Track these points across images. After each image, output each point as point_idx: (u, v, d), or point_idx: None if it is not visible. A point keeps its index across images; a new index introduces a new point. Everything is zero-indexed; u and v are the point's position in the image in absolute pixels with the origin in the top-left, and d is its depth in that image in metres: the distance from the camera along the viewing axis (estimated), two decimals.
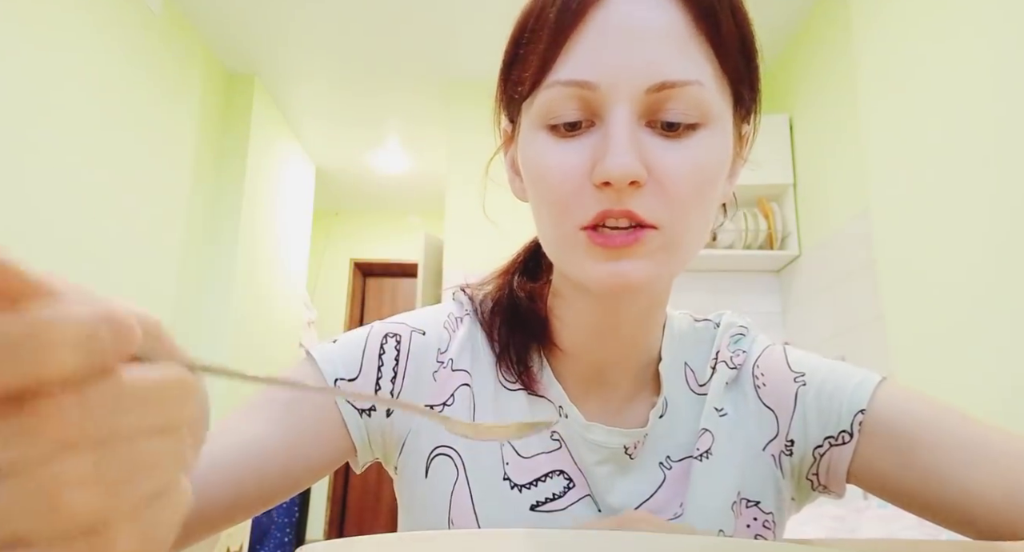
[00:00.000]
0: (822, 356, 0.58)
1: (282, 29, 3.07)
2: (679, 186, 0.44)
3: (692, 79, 0.44)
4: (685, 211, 0.45)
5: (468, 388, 0.56)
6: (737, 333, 0.59)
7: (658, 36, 0.44)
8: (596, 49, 0.44)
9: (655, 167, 0.44)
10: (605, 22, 0.44)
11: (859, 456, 0.51)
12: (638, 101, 0.44)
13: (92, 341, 0.17)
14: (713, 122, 0.45)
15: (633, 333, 0.54)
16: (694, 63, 0.44)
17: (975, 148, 1.72)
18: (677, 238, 0.45)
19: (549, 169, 0.46)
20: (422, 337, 0.57)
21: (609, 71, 0.43)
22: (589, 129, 0.45)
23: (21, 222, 2.08)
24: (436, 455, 0.54)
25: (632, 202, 0.43)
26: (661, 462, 0.54)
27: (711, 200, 0.47)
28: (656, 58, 0.43)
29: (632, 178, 0.42)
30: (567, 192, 0.45)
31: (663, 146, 0.44)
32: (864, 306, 2.23)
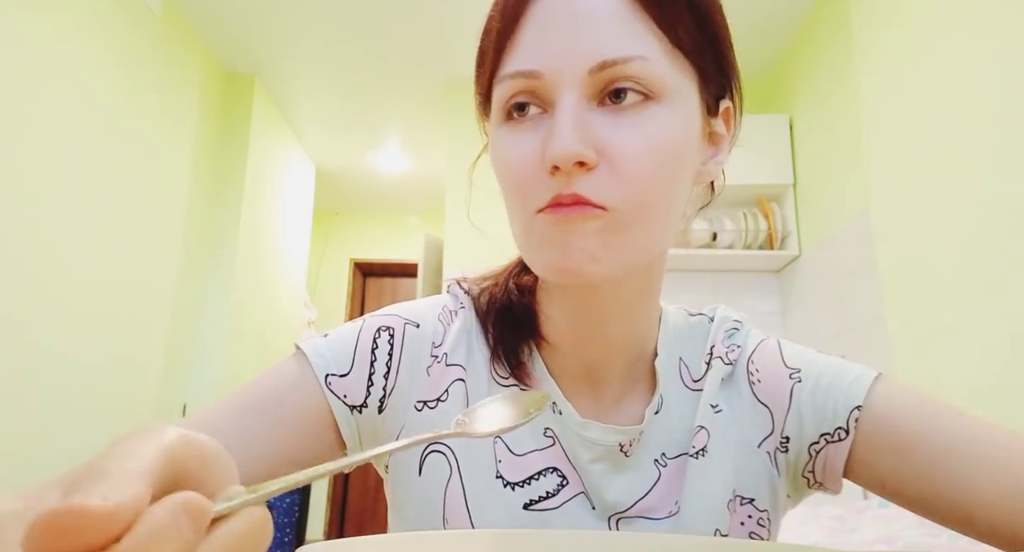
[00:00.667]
0: (818, 351, 0.58)
1: (282, 29, 3.07)
2: (632, 163, 0.44)
3: (633, 54, 0.43)
4: (641, 190, 0.44)
5: (462, 383, 0.55)
6: (731, 327, 0.59)
7: (597, 18, 0.44)
8: (538, 38, 0.45)
9: (606, 146, 0.44)
10: (544, 11, 0.45)
11: (855, 453, 0.51)
12: (583, 84, 0.44)
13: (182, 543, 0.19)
14: (667, 97, 0.45)
15: (620, 328, 0.53)
16: (636, 39, 0.44)
17: (975, 148, 1.72)
18: (630, 219, 0.44)
19: (508, 160, 0.47)
20: (416, 330, 0.56)
21: (551, 58, 0.44)
22: (541, 116, 0.46)
23: (21, 222, 2.08)
24: (430, 452, 0.53)
25: (580, 184, 0.43)
26: (656, 459, 0.54)
27: (675, 179, 0.46)
28: (596, 39, 0.44)
29: (575, 159, 0.42)
30: (524, 180, 0.46)
31: (613, 124, 0.44)
32: (864, 306, 2.23)
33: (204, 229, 3.19)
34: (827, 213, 2.54)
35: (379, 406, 0.54)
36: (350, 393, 0.53)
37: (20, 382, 2.08)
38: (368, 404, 0.53)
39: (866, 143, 2.23)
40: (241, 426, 0.49)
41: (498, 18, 0.47)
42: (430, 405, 0.54)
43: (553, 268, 0.46)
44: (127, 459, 0.20)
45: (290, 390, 0.51)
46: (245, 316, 3.31)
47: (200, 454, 0.22)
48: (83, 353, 2.34)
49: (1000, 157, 1.63)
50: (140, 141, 2.68)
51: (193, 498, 0.20)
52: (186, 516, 0.20)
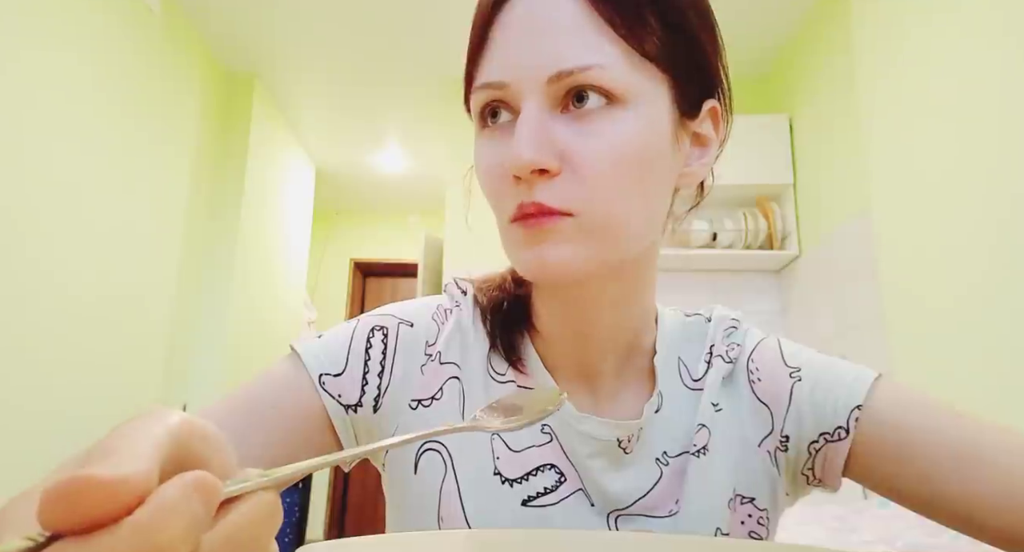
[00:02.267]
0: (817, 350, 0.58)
1: (282, 29, 3.07)
2: (595, 169, 0.44)
3: (590, 63, 0.44)
4: (605, 195, 0.45)
5: (457, 381, 0.55)
6: (730, 326, 0.59)
7: (555, 29, 0.45)
8: (502, 50, 0.47)
9: (568, 152, 0.44)
10: (509, 22, 0.47)
11: (855, 452, 0.51)
12: (544, 92, 0.45)
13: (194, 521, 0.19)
14: (630, 102, 0.45)
15: (610, 322, 0.53)
16: (592, 49, 0.45)
17: (975, 148, 1.72)
18: (599, 223, 0.45)
19: (482, 169, 0.49)
20: (410, 329, 0.56)
21: (514, 68, 0.46)
22: (511, 124, 0.47)
23: (21, 222, 2.08)
24: (425, 451, 0.53)
25: (541, 193, 0.44)
26: (658, 458, 0.54)
27: (644, 182, 0.46)
28: (553, 49, 0.45)
29: (532, 167, 0.43)
30: (496, 189, 0.47)
31: (574, 131, 0.45)
32: (864, 306, 2.23)
33: (204, 229, 3.19)
34: (827, 213, 2.54)
35: (374, 405, 0.54)
36: (344, 392, 0.53)
37: (21, 382, 2.08)
38: (363, 403, 0.53)
39: (866, 143, 2.23)
40: (237, 427, 0.48)
41: (474, 29, 0.50)
42: (424, 403, 0.54)
43: (531, 272, 0.47)
44: (134, 437, 0.20)
45: (285, 391, 0.52)
46: (245, 316, 3.31)
47: (204, 437, 0.22)
48: (83, 353, 2.35)
49: (1000, 157, 1.63)
50: (140, 141, 2.68)
51: (204, 476, 0.20)
52: (197, 493, 0.19)
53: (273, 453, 0.49)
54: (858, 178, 2.29)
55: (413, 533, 0.36)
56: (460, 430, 0.32)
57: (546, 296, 0.54)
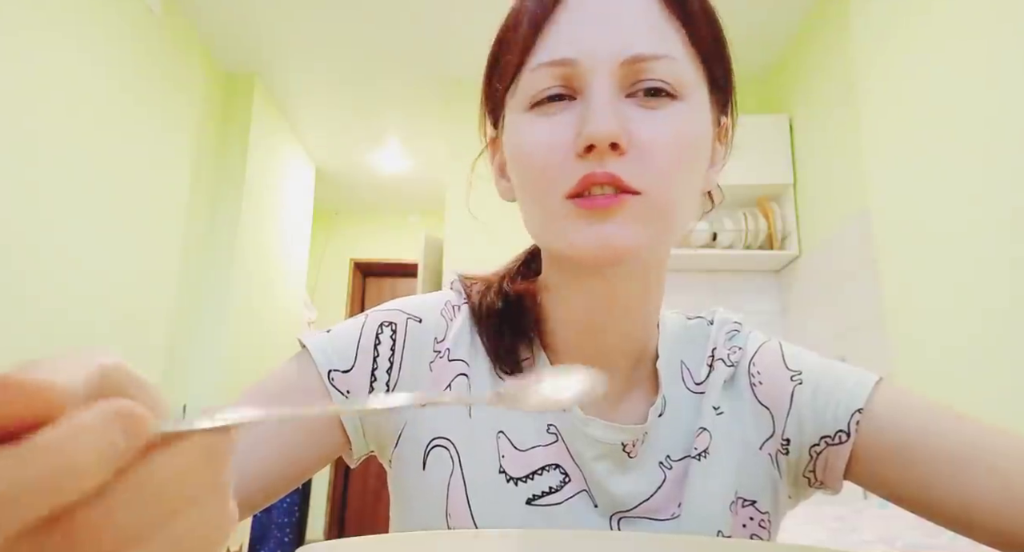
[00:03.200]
0: (820, 355, 0.58)
1: (282, 29, 3.07)
2: (660, 153, 0.45)
3: (663, 53, 0.46)
4: (667, 178, 0.46)
5: (465, 378, 0.55)
6: (732, 329, 0.59)
7: (630, 14, 0.47)
8: (573, 30, 0.47)
9: (636, 135, 0.45)
10: (580, 6, 0.48)
11: (856, 456, 0.51)
12: (615, 73, 0.46)
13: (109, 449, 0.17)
14: (688, 96, 0.47)
15: (623, 326, 0.54)
16: (665, 39, 0.47)
17: (975, 148, 1.72)
18: (660, 204, 0.46)
19: (535, 145, 0.48)
20: (418, 325, 0.57)
21: (586, 47, 0.46)
22: (571, 103, 0.47)
23: (21, 222, 2.08)
24: (433, 447, 0.53)
25: (615, 166, 0.45)
26: (661, 462, 0.54)
27: (694, 172, 0.48)
28: (629, 34, 0.46)
29: (613, 139, 0.44)
30: (553, 165, 0.47)
31: (642, 116, 0.46)
32: (864, 306, 2.23)
33: (204, 229, 3.19)
34: (827, 213, 2.54)
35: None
36: (353, 388, 0.53)
37: None
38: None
39: (866, 143, 2.23)
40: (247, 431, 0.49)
41: (530, 11, 0.49)
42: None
43: (590, 251, 0.46)
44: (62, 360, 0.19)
45: (294, 388, 0.52)
46: (245, 316, 3.31)
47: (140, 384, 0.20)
48: None
49: (1000, 157, 1.63)
50: (140, 141, 2.68)
51: (130, 405, 0.18)
52: (119, 420, 0.17)
53: (283, 450, 0.50)
54: (858, 178, 2.29)
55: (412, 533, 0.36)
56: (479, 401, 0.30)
57: (562, 301, 0.54)
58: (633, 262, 0.47)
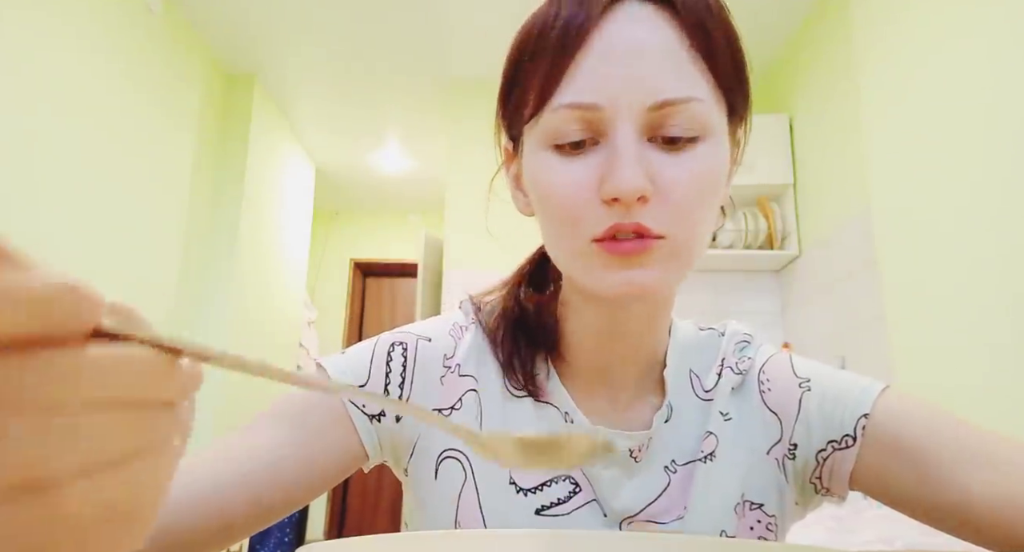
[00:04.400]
0: (822, 357, 0.59)
1: (282, 29, 3.07)
2: (683, 197, 0.46)
3: (691, 96, 0.46)
4: (690, 220, 0.47)
5: (475, 393, 0.57)
6: (742, 341, 0.60)
7: (656, 56, 0.46)
8: (598, 71, 0.46)
9: (659, 180, 0.45)
10: (606, 45, 0.46)
11: (862, 460, 0.52)
12: (640, 119, 0.45)
13: (50, 307, 0.17)
14: (711, 135, 0.47)
15: (639, 336, 0.55)
16: (691, 80, 0.46)
17: (975, 148, 1.72)
18: (683, 245, 0.47)
19: (558, 187, 0.48)
20: (428, 344, 0.58)
21: (612, 92, 0.45)
22: (594, 147, 0.47)
23: (21, 222, 2.08)
24: (445, 458, 0.55)
25: (640, 215, 0.45)
26: (666, 466, 0.55)
27: (713, 207, 0.49)
28: (656, 77, 0.45)
29: (640, 194, 0.44)
30: (577, 208, 0.47)
31: (665, 160, 0.46)
32: (864, 306, 2.23)
33: (204, 229, 3.19)
34: (827, 213, 2.54)
35: (396, 415, 0.56)
36: (368, 404, 0.55)
37: None
38: (385, 413, 0.55)
39: (866, 143, 2.23)
40: (275, 437, 0.51)
41: (552, 45, 0.47)
42: (444, 413, 0.56)
43: (615, 293, 0.47)
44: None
45: (314, 405, 0.54)
46: (245, 316, 3.31)
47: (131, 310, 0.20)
48: None
49: (1000, 157, 1.63)
50: (140, 141, 2.68)
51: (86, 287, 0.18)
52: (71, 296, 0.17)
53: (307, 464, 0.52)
54: (858, 178, 2.29)
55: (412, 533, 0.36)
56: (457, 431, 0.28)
57: (581, 318, 0.55)
58: (654, 297, 0.49)
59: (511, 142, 0.55)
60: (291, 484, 0.51)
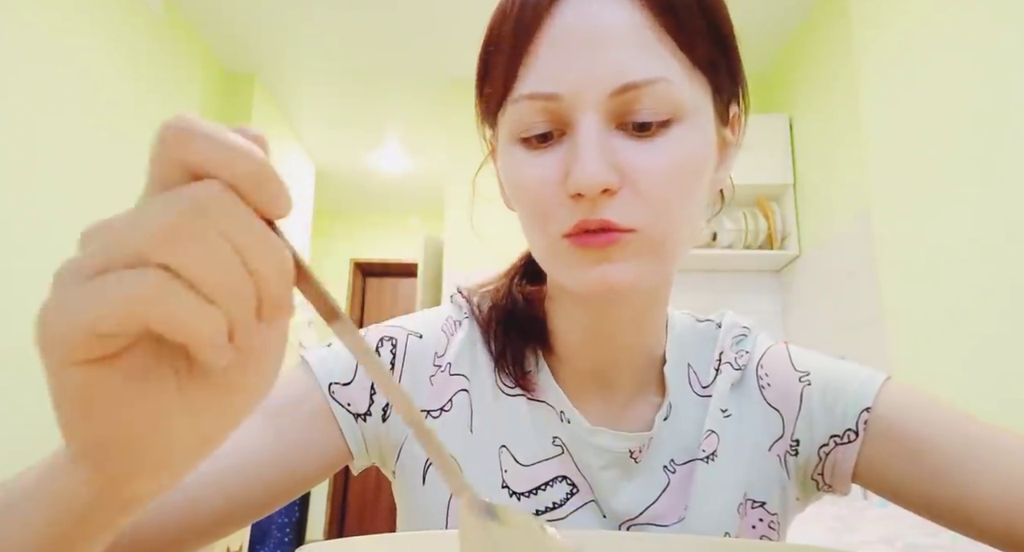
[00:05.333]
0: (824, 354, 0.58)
1: (282, 29, 3.07)
2: (656, 187, 0.43)
3: (657, 76, 0.42)
4: (666, 211, 0.44)
5: (466, 393, 0.55)
6: (740, 334, 0.59)
7: (617, 37, 0.43)
8: (555, 58, 0.43)
9: (629, 170, 0.43)
10: (562, 29, 0.43)
11: (864, 455, 0.51)
12: (604, 106, 0.43)
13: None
14: (687, 116, 0.44)
15: (631, 335, 0.53)
16: (658, 60, 0.43)
17: (975, 148, 1.72)
18: (659, 238, 0.44)
19: (525, 182, 0.46)
20: (419, 340, 0.56)
21: (571, 80, 0.43)
22: (560, 138, 0.45)
23: (21, 222, 2.08)
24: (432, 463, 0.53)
25: (607, 210, 0.43)
26: (665, 465, 0.54)
27: (695, 195, 0.46)
28: (617, 60, 0.42)
29: (602, 187, 0.42)
30: (545, 203, 0.45)
31: (635, 148, 0.43)
32: (864, 306, 2.23)
33: None
34: (827, 213, 2.54)
35: (383, 414, 0.54)
36: (354, 401, 0.53)
37: (20, 382, 2.08)
38: (372, 412, 0.53)
39: (866, 143, 2.23)
40: (250, 434, 0.48)
41: (510, 34, 0.45)
42: (433, 414, 0.54)
43: (590, 290, 0.45)
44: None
45: (296, 399, 0.52)
46: None
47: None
48: None
49: (1000, 157, 1.63)
50: (140, 141, 2.68)
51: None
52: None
53: (284, 458, 0.49)
54: (858, 178, 2.29)
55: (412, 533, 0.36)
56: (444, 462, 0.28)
57: (567, 313, 0.54)
58: (634, 294, 0.46)
59: (494, 136, 0.53)
60: (268, 483, 0.48)
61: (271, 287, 0.23)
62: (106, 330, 0.21)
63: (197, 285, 0.22)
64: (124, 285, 0.21)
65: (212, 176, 0.22)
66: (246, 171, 0.22)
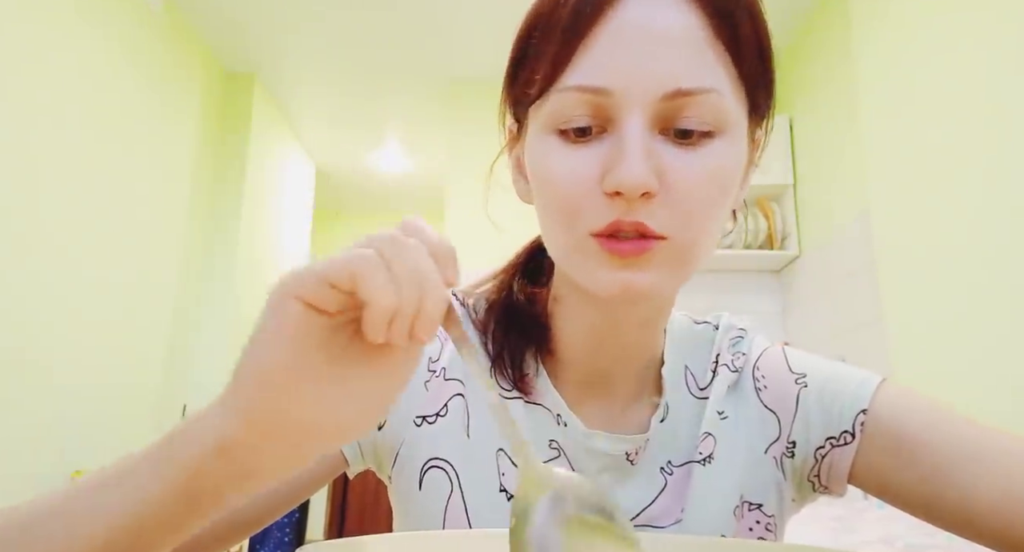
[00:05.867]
0: (821, 356, 0.58)
1: (282, 29, 3.07)
2: (692, 196, 0.43)
3: (709, 87, 0.42)
4: (697, 221, 0.44)
5: (462, 398, 0.54)
6: (736, 335, 0.59)
7: (675, 40, 0.42)
8: (610, 53, 0.43)
9: (667, 176, 0.43)
10: (620, 25, 0.43)
11: (860, 457, 0.51)
12: (652, 108, 0.42)
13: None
14: (728, 130, 0.44)
15: (634, 339, 0.53)
16: (711, 70, 0.43)
17: (975, 148, 1.72)
18: (687, 248, 0.44)
19: (559, 175, 0.45)
20: None
21: (624, 77, 0.42)
22: (600, 135, 0.44)
23: (21, 221, 2.08)
24: (429, 467, 0.53)
25: (643, 213, 0.42)
26: (662, 467, 0.54)
27: (723, 209, 0.46)
28: (672, 64, 0.42)
29: (644, 190, 0.41)
30: (577, 198, 0.44)
31: (676, 154, 0.43)
32: (864, 306, 2.23)
33: (204, 229, 3.19)
34: (827, 213, 2.54)
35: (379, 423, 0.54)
36: None
37: (20, 382, 2.08)
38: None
39: (866, 143, 2.23)
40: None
41: (565, 20, 0.44)
42: (429, 420, 0.54)
43: (609, 293, 0.44)
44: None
45: None
46: (245, 316, 3.31)
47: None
48: (83, 353, 2.34)
49: (1000, 157, 1.63)
50: (140, 141, 2.68)
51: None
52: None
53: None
54: (858, 178, 2.29)
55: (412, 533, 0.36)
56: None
57: (574, 315, 0.53)
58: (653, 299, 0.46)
59: (516, 123, 0.52)
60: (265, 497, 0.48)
61: (428, 306, 0.30)
62: (334, 278, 0.30)
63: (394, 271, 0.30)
64: (354, 255, 0.30)
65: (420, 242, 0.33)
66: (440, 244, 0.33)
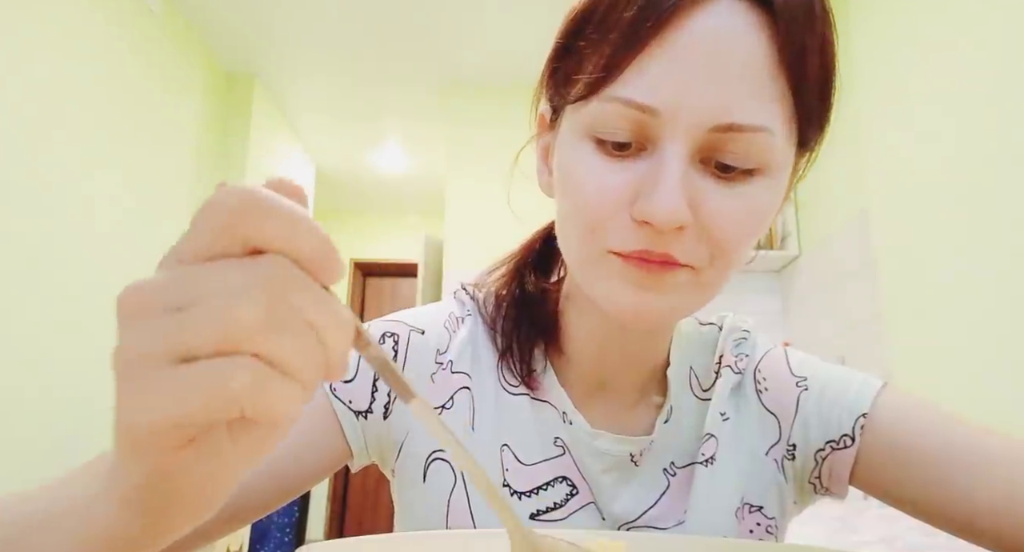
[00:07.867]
0: (822, 357, 0.58)
1: (282, 29, 3.07)
2: (725, 233, 0.41)
3: (760, 125, 0.39)
4: (726, 256, 0.42)
5: (468, 391, 0.54)
6: (740, 337, 0.59)
7: (737, 67, 0.39)
8: (666, 70, 0.39)
9: (702, 209, 0.41)
10: (682, 39, 0.39)
11: (861, 460, 0.51)
12: (698, 137, 0.40)
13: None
14: (772, 172, 0.42)
15: (643, 345, 0.53)
16: (767, 106, 0.40)
17: (974, 148, 1.72)
18: (711, 280, 0.43)
19: (589, 187, 0.42)
20: (421, 337, 0.55)
21: (675, 99, 0.39)
22: (639, 153, 0.41)
23: (22, 222, 2.08)
24: (434, 459, 0.52)
25: (672, 245, 0.41)
26: (665, 468, 0.54)
27: (752, 245, 0.44)
28: (728, 94, 0.39)
29: (677, 224, 0.39)
30: (604, 217, 0.42)
31: (715, 189, 0.41)
32: (864, 306, 2.23)
33: None
34: (827, 213, 2.54)
35: (384, 412, 0.53)
36: (355, 398, 0.52)
37: (20, 382, 2.08)
38: (373, 410, 0.53)
39: (866, 143, 2.23)
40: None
41: (626, 24, 0.40)
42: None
43: (624, 315, 0.43)
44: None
45: None
46: None
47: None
48: (83, 353, 2.34)
49: (999, 157, 1.63)
50: (141, 141, 2.68)
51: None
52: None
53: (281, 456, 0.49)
54: (857, 178, 2.29)
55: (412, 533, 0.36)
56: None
57: (585, 317, 0.53)
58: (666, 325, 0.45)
59: (552, 112, 0.49)
60: (268, 482, 0.47)
61: (338, 355, 0.24)
62: (203, 421, 0.22)
63: (285, 369, 0.22)
64: (221, 376, 0.21)
65: (277, 251, 0.22)
66: (312, 248, 0.22)
